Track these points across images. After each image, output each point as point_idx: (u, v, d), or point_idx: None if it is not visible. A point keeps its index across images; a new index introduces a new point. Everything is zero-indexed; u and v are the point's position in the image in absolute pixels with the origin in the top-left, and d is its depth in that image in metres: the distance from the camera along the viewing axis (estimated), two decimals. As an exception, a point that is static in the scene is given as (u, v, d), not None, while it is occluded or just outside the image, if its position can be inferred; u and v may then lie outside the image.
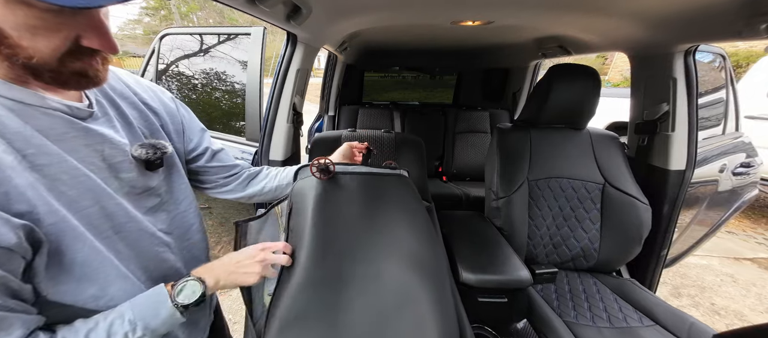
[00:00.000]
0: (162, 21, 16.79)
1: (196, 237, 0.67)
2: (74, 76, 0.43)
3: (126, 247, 0.50)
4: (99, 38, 0.41)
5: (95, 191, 0.47)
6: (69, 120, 0.46)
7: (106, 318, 0.46)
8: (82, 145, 0.47)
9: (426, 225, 0.75)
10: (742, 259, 2.59)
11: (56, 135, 0.44)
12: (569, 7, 0.96)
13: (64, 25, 0.38)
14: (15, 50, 0.38)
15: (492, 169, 1.32)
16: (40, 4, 0.34)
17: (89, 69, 0.43)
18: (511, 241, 1.16)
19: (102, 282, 0.46)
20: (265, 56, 1.45)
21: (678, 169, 1.17)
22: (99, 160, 0.49)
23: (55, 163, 0.43)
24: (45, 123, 0.43)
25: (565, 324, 0.98)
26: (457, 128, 2.49)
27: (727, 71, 2.00)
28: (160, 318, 0.48)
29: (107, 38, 0.42)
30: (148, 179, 0.56)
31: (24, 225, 0.38)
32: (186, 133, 0.70)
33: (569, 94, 1.20)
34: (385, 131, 1.38)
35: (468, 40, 1.79)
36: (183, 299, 0.50)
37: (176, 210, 0.62)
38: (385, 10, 1.03)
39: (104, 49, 0.43)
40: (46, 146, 0.43)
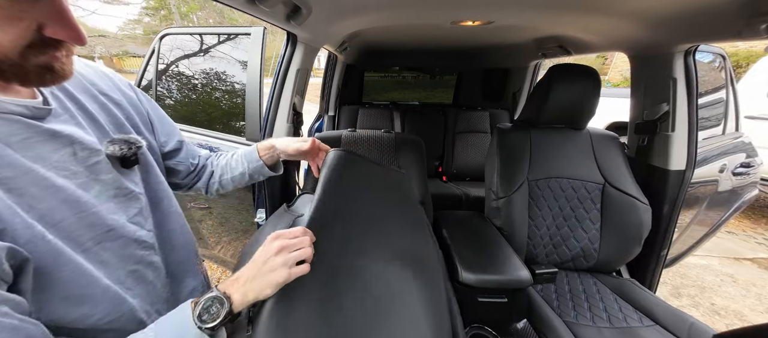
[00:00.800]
0: (162, 21, 16.78)
1: (182, 239, 0.63)
2: (38, 71, 0.39)
3: (111, 256, 0.47)
4: (64, 28, 0.38)
5: (70, 201, 0.42)
6: (28, 123, 0.41)
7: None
8: (50, 151, 0.42)
9: (421, 224, 0.76)
10: (742, 259, 2.59)
11: (18, 142, 0.40)
12: (569, 7, 0.96)
13: (24, 12, 0.35)
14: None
15: (492, 169, 1.32)
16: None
17: (55, 62, 0.39)
18: (511, 241, 1.16)
19: (89, 300, 0.43)
20: (265, 56, 1.45)
21: (678, 169, 1.17)
22: (73, 165, 0.44)
23: (21, 175, 0.39)
24: (2, 129, 0.39)
25: (565, 324, 0.98)
26: (457, 128, 2.49)
27: (727, 71, 1.99)
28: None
29: (73, 27, 0.38)
30: (127, 179, 0.51)
31: (4, 247, 0.33)
32: (156, 126, 0.65)
33: (569, 94, 1.20)
34: (385, 131, 1.38)
35: (468, 40, 1.79)
36: (208, 321, 0.43)
37: (158, 210, 0.57)
38: (385, 10, 1.03)
39: (70, 40, 0.39)
40: (8, 156, 0.38)
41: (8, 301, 0.34)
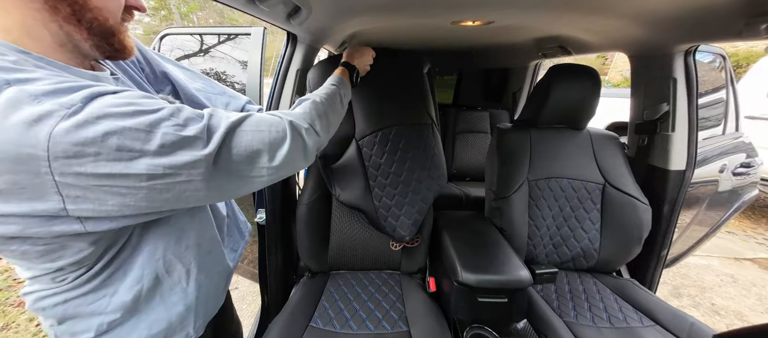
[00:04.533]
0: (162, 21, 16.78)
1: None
2: (128, 40, 0.46)
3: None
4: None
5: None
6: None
7: (327, 84, 0.76)
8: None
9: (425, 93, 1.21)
10: (742, 259, 2.59)
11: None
12: (569, 7, 0.96)
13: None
14: (96, 14, 0.40)
15: (492, 169, 1.32)
16: None
17: (128, 37, 0.47)
18: (511, 241, 1.16)
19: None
20: (265, 56, 1.45)
21: (678, 169, 1.17)
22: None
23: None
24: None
25: (565, 324, 0.98)
26: (457, 128, 2.48)
27: (727, 71, 1.99)
28: (346, 86, 0.81)
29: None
30: None
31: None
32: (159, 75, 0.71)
33: (569, 94, 1.20)
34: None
35: (468, 40, 1.79)
36: (352, 75, 0.89)
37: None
38: (385, 10, 1.03)
39: (139, 8, 0.46)
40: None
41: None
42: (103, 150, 0.35)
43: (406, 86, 1.19)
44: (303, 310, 1.00)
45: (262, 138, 0.49)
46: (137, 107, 0.38)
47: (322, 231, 1.20)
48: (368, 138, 1.13)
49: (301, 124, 0.58)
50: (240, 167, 0.47)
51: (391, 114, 1.15)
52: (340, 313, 1.01)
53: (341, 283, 1.15)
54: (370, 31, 1.55)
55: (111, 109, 0.36)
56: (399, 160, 1.13)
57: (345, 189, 1.13)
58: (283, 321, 0.94)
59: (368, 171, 1.13)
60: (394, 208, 1.13)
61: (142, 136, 0.37)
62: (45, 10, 0.38)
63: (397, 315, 1.01)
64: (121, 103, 0.38)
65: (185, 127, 0.41)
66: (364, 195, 1.11)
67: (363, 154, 1.13)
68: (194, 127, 0.42)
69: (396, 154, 1.13)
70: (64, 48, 0.42)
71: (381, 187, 1.13)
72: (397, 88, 1.16)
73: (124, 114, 0.37)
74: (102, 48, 0.45)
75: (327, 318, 0.99)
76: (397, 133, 1.14)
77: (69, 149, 0.34)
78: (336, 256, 1.22)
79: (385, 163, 1.13)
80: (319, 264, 1.21)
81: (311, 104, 0.65)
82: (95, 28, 0.41)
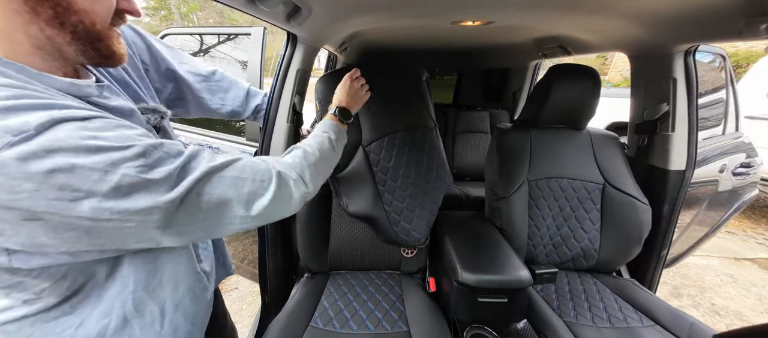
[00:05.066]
0: (162, 21, 16.77)
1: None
2: (118, 45, 0.43)
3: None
4: (129, 1, 0.42)
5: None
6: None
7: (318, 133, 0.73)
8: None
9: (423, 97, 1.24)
10: (742, 259, 2.59)
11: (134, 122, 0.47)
12: (569, 7, 0.96)
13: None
14: (80, 16, 0.37)
15: (492, 169, 1.32)
16: None
17: (120, 39, 0.44)
18: (511, 241, 1.16)
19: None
20: (265, 56, 1.44)
21: (678, 169, 1.17)
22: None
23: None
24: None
25: (565, 324, 0.98)
26: (457, 128, 2.48)
27: (727, 71, 1.99)
28: (338, 128, 0.78)
29: (134, 1, 0.43)
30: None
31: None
32: (151, 63, 0.68)
33: (569, 94, 1.20)
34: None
35: (468, 40, 1.79)
36: (342, 119, 0.83)
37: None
38: (385, 10, 1.03)
39: (133, 12, 0.43)
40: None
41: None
42: (42, 188, 0.31)
43: (408, 92, 1.22)
44: (303, 310, 1.00)
45: (242, 186, 0.46)
46: (102, 142, 0.34)
47: (322, 232, 1.20)
48: (375, 143, 1.14)
49: (289, 174, 0.55)
50: (207, 215, 0.43)
51: (396, 119, 1.17)
52: (340, 313, 1.01)
53: (341, 283, 1.15)
54: (370, 31, 1.55)
55: (68, 141, 0.32)
56: (407, 163, 1.15)
57: (353, 199, 1.13)
58: (283, 321, 0.94)
59: (377, 176, 1.13)
60: (406, 211, 1.14)
61: (96, 175, 0.33)
62: (24, 12, 0.35)
63: (397, 315, 1.01)
64: (83, 136, 0.33)
65: (152, 168, 0.37)
66: (374, 202, 1.11)
67: (371, 159, 1.14)
68: (163, 168, 0.38)
69: (403, 158, 1.15)
70: (42, 51, 0.38)
71: (391, 191, 1.13)
72: (399, 94, 1.20)
73: (82, 149, 0.33)
74: (88, 53, 0.41)
75: (327, 318, 0.99)
76: (403, 137, 1.16)
77: (3, 183, 0.30)
78: (336, 256, 1.22)
79: (393, 167, 1.14)
80: (319, 264, 1.21)
81: (302, 153, 0.63)
82: (80, 32, 0.38)
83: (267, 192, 0.50)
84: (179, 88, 0.78)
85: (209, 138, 1.58)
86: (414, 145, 1.17)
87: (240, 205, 0.46)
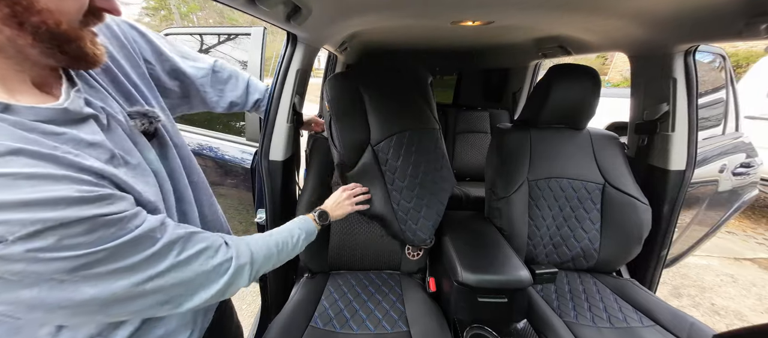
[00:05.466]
0: (162, 21, 16.77)
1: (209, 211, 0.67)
2: (91, 47, 0.39)
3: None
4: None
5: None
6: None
7: (284, 228, 0.73)
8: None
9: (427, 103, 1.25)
10: (742, 259, 2.59)
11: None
12: (569, 7, 0.96)
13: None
14: (43, 16, 0.33)
15: (492, 169, 1.32)
16: None
17: (96, 40, 0.40)
18: (511, 241, 1.16)
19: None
20: (265, 56, 1.44)
21: (678, 169, 1.17)
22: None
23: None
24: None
25: (565, 324, 0.98)
26: (457, 128, 2.48)
27: (727, 71, 1.99)
28: (312, 230, 0.80)
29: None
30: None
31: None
32: (146, 56, 0.63)
33: (569, 94, 1.20)
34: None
35: (468, 40, 1.79)
36: (320, 221, 0.86)
37: (173, 181, 0.56)
38: (385, 10, 1.03)
39: (112, 10, 0.40)
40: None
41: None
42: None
43: (413, 94, 1.24)
44: (303, 310, 1.00)
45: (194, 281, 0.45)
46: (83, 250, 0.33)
47: (322, 232, 1.20)
48: (384, 143, 1.13)
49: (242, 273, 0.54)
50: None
51: (404, 119, 1.17)
52: (340, 313, 1.01)
53: (341, 283, 1.15)
54: (370, 31, 1.55)
55: (46, 252, 0.31)
56: (415, 163, 1.14)
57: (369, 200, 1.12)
58: (283, 321, 0.94)
59: (386, 175, 1.13)
60: (413, 211, 1.13)
61: (63, 265, 0.32)
62: None
63: (397, 315, 1.01)
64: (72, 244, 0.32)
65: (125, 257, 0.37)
66: (385, 202, 1.11)
67: (380, 158, 1.13)
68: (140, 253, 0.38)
69: (411, 158, 1.14)
70: (3, 53, 0.35)
71: (399, 190, 1.13)
72: (405, 96, 1.22)
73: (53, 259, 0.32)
74: (55, 56, 0.37)
75: (327, 318, 0.99)
76: (411, 137, 1.16)
77: None
78: (336, 256, 1.22)
79: (401, 166, 1.13)
80: (319, 264, 1.21)
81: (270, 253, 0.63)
82: (43, 33, 0.34)
83: (220, 280, 0.48)
84: (184, 86, 0.77)
85: (209, 138, 1.58)
86: (421, 146, 1.17)
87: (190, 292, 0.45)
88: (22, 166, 0.31)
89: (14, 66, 0.36)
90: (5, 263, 0.30)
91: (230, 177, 1.51)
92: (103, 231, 0.35)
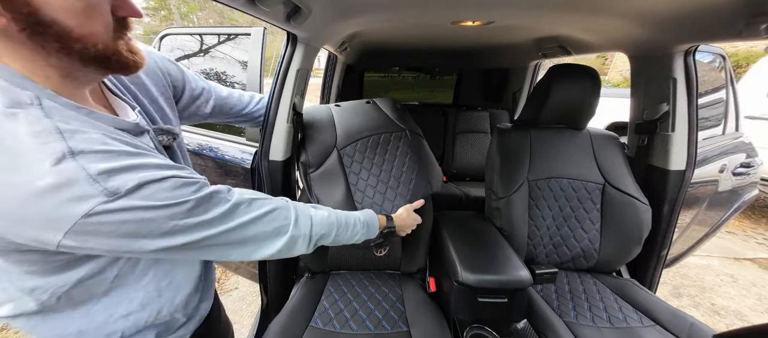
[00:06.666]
0: (162, 21, 16.77)
1: None
2: (129, 56, 0.44)
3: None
4: (126, 6, 0.42)
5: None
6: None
7: (351, 214, 0.77)
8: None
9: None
10: (742, 259, 2.59)
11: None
12: (569, 7, 0.96)
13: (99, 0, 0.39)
14: (83, 42, 0.39)
15: (492, 169, 1.32)
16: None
17: (132, 45, 0.45)
18: (511, 241, 1.16)
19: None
20: (265, 56, 1.44)
21: (678, 169, 1.17)
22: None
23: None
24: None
25: (565, 324, 0.98)
26: (457, 128, 2.48)
27: (727, 71, 1.99)
28: (373, 231, 0.83)
29: (131, 3, 0.42)
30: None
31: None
32: (177, 84, 0.73)
33: (569, 94, 1.20)
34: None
35: (468, 40, 1.79)
36: (386, 231, 0.90)
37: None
38: (385, 10, 1.03)
39: (133, 15, 0.44)
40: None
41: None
42: (114, 230, 0.39)
43: (370, 108, 1.35)
44: (303, 310, 1.00)
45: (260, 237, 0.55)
46: (170, 200, 0.43)
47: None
48: (349, 146, 1.22)
49: (302, 234, 0.61)
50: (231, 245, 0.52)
51: (365, 127, 1.27)
52: (340, 313, 1.01)
53: (341, 283, 1.15)
54: (370, 31, 1.55)
55: (146, 201, 0.40)
56: (377, 163, 1.21)
57: (325, 198, 1.14)
58: (283, 321, 0.94)
59: (349, 176, 1.18)
60: (375, 208, 1.15)
61: (156, 225, 0.42)
62: (37, 50, 0.38)
63: (397, 315, 1.01)
64: (160, 197, 0.42)
65: (204, 213, 0.46)
66: (346, 201, 1.13)
67: (344, 161, 1.19)
68: (212, 212, 0.47)
69: (374, 159, 1.22)
70: (70, 78, 0.42)
71: (362, 189, 1.18)
72: (365, 111, 1.34)
73: (155, 207, 0.41)
74: (102, 72, 0.46)
75: (327, 318, 0.99)
76: (375, 140, 1.24)
77: (88, 228, 0.37)
78: (336, 256, 1.22)
79: (365, 167, 1.20)
80: (318, 265, 1.21)
81: (333, 224, 0.69)
82: (87, 57, 0.41)
83: (274, 245, 0.57)
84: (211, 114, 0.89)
85: (209, 138, 1.58)
86: (386, 148, 1.24)
87: (252, 247, 0.55)
88: (121, 145, 0.42)
89: (79, 86, 0.45)
90: (123, 213, 0.39)
91: (230, 177, 1.51)
92: (185, 189, 0.45)
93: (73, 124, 0.39)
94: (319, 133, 1.23)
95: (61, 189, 0.35)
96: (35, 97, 0.38)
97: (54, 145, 0.36)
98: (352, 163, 1.21)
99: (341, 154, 1.21)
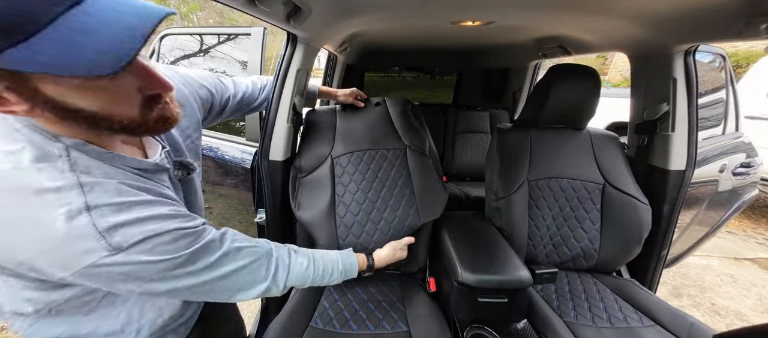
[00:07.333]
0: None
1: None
2: (158, 122, 0.47)
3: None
4: (153, 84, 0.44)
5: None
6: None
7: (329, 259, 0.78)
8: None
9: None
10: (742, 259, 2.59)
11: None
12: (569, 7, 0.96)
13: (126, 86, 0.42)
14: (109, 121, 0.42)
15: (492, 169, 1.32)
16: (93, 79, 0.37)
17: (166, 110, 0.48)
18: (511, 241, 1.16)
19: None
20: (265, 56, 1.44)
21: (678, 169, 1.17)
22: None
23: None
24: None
25: (565, 324, 0.98)
26: (457, 128, 2.48)
27: (727, 71, 1.99)
28: (351, 275, 0.84)
29: (158, 80, 0.45)
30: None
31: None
32: (206, 106, 0.78)
33: (569, 94, 1.20)
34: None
35: (468, 40, 1.79)
36: (368, 269, 0.93)
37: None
38: (385, 10, 1.03)
39: (162, 90, 0.46)
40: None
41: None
42: (111, 276, 0.43)
43: (377, 121, 1.32)
44: (303, 310, 1.00)
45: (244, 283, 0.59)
46: (167, 254, 0.46)
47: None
48: (344, 156, 1.22)
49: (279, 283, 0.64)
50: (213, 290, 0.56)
51: (365, 140, 1.26)
52: (340, 313, 1.01)
53: (341, 283, 1.15)
54: (370, 31, 1.55)
55: (144, 255, 0.44)
56: (369, 179, 1.21)
57: (306, 205, 1.14)
58: (283, 321, 0.94)
59: (337, 187, 1.18)
60: (357, 225, 1.16)
61: (148, 274, 0.45)
62: (65, 122, 0.41)
63: (397, 315, 1.01)
64: (158, 251, 0.45)
65: (193, 263, 0.50)
66: (328, 212, 1.13)
67: (335, 170, 1.20)
68: (201, 262, 0.51)
69: (367, 173, 1.21)
70: (100, 136, 0.46)
71: (347, 203, 1.17)
72: (370, 121, 1.32)
73: (151, 261, 0.45)
74: (130, 136, 0.51)
75: (327, 318, 0.99)
76: (371, 155, 1.23)
77: (90, 273, 0.41)
78: (336, 256, 1.22)
79: (355, 180, 1.20)
80: (319, 265, 1.20)
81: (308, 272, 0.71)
82: (113, 129, 0.44)
83: (248, 294, 0.60)
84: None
85: (209, 138, 1.58)
86: (381, 165, 1.23)
87: (229, 294, 0.58)
88: (134, 195, 0.46)
89: (110, 136, 0.49)
90: (121, 266, 0.43)
91: (230, 177, 1.51)
92: (183, 241, 0.48)
93: (95, 174, 0.43)
94: (318, 138, 1.25)
95: (71, 243, 0.40)
96: (64, 149, 0.42)
97: (72, 200, 0.40)
98: (343, 173, 1.20)
99: (334, 162, 1.21)
